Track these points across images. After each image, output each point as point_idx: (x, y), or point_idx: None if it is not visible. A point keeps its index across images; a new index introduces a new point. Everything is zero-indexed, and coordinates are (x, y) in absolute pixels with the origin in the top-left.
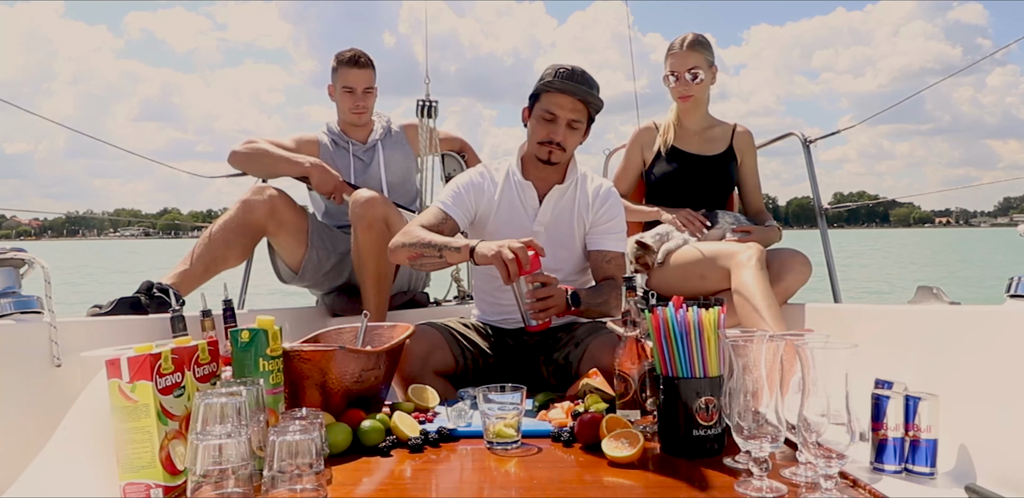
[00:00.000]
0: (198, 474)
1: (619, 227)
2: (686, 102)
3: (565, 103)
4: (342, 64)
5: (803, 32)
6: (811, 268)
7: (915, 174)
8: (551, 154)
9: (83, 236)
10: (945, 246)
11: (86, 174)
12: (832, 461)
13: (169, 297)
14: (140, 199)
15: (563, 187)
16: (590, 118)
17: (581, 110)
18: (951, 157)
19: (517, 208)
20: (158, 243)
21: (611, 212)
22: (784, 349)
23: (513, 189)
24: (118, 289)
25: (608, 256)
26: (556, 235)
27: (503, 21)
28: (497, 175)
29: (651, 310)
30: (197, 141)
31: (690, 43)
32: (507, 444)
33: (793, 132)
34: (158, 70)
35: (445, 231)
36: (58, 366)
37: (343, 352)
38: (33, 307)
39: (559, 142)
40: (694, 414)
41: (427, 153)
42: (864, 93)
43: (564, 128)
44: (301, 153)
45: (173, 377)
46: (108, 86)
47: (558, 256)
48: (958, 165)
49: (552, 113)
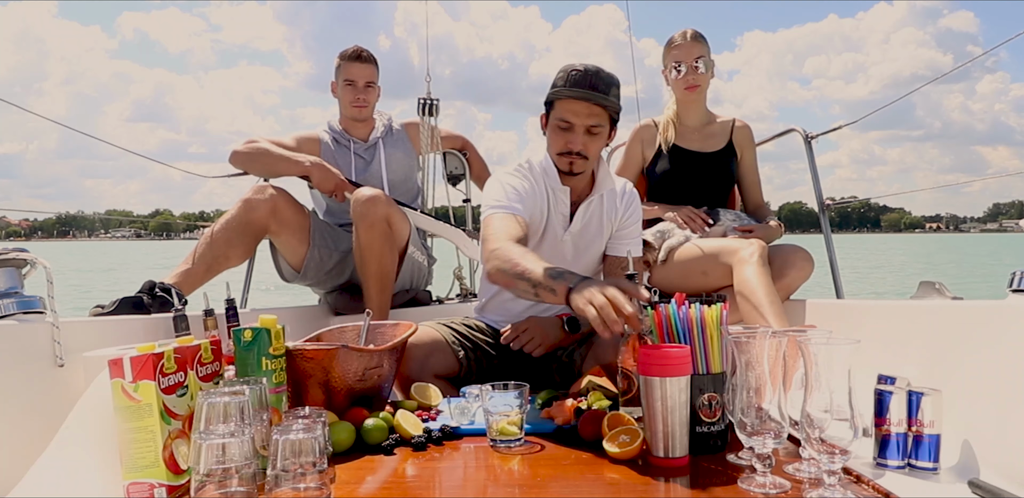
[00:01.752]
0: (201, 473)
1: (639, 230)
2: (692, 92)
3: (580, 109)
4: (344, 59)
5: (795, 38)
6: (813, 264)
7: (906, 180)
8: (572, 164)
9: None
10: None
11: (77, 175)
12: (835, 457)
13: (171, 297)
14: (132, 200)
15: (594, 195)
16: (612, 119)
17: (599, 113)
18: (941, 163)
19: (554, 214)
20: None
21: (635, 216)
22: (787, 345)
23: (551, 194)
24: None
25: (625, 263)
26: (581, 242)
27: (498, 25)
28: (536, 179)
29: (654, 307)
30: (190, 142)
31: (693, 35)
32: (510, 442)
33: (795, 128)
34: (151, 71)
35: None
36: (61, 366)
37: (346, 351)
38: (36, 307)
39: (579, 151)
40: (697, 411)
41: (428, 151)
42: (855, 100)
43: (583, 135)
44: (302, 152)
45: (176, 376)
46: (101, 87)
47: (578, 263)
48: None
49: (568, 121)
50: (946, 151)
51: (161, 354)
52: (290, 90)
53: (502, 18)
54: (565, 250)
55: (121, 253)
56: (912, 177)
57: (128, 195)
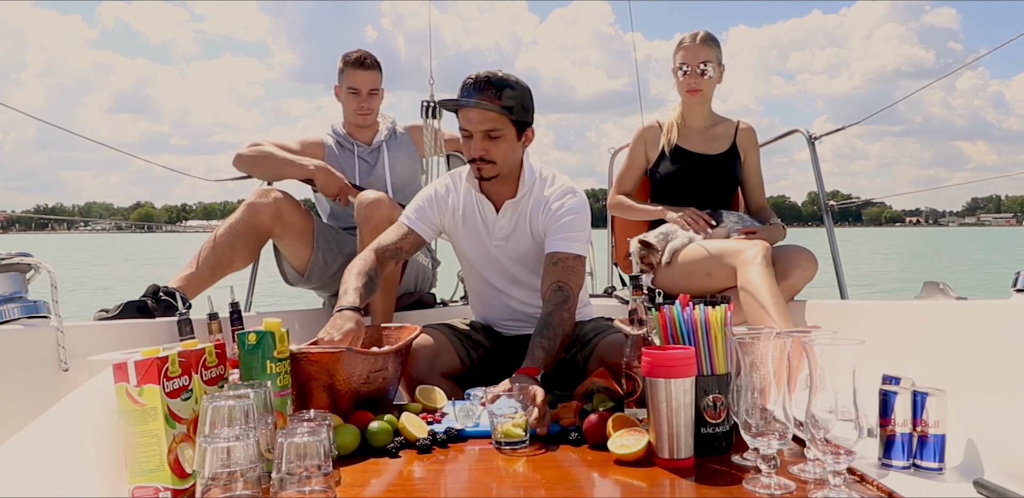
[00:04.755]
0: (206, 477)
1: (572, 227)
2: (694, 96)
3: (471, 116)
4: (348, 65)
5: (780, 34)
6: (817, 264)
7: (887, 174)
8: (480, 170)
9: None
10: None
11: (56, 166)
12: (840, 457)
13: (175, 300)
14: (112, 192)
15: (515, 200)
16: (516, 121)
17: (492, 117)
18: (922, 158)
19: (478, 222)
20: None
21: (563, 210)
22: (791, 346)
23: (473, 202)
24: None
25: (556, 257)
26: (517, 248)
27: (485, 18)
28: (459, 187)
29: (658, 309)
30: (172, 134)
31: (703, 38)
32: (515, 444)
33: (798, 129)
34: (133, 61)
35: (406, 246)
36: (65, 370)
37: (350, 354)
38: (40, 312)
39: (480, 157)
40: (702, 412)
41: (432, 154)
42: (838, 94)
43: (482, 141)
44: (306, 155)
45: (180, 380)
46: (81, 77)
47: (520, 272)
48: (929, 166)
49: (466, 129)
50: (927, 146)
51: (165, 358)
52: (274, 81)
53: (489, 10)
54: (499, 257)
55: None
56: (894, 172)
57: (108, 187)
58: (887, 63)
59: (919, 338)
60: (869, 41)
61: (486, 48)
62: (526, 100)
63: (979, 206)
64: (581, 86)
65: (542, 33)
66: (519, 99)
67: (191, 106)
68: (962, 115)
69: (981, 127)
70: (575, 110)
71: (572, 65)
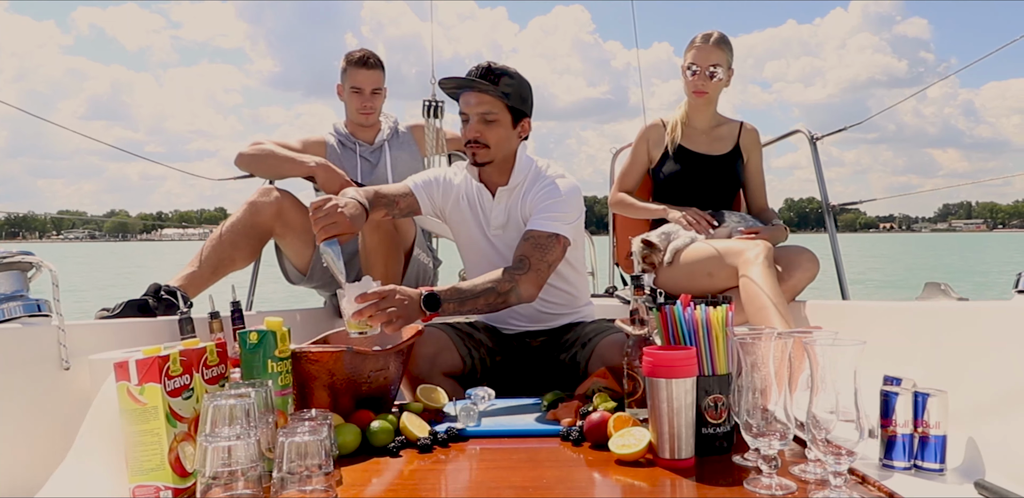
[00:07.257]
0: (207, 476)
1: (555, 208)
2: (700, 97)
3: (469, 99)
4: (351, 64)
5: (756, 43)
6: (819, 265)
7: (861, 181)
8: (475, 155)
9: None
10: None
11: (28, 174)
12: (841, 458)
13: (177, 299)
14: (86, 200)
15: (507, 189)
16: (512, 108)
17: (489, 101)
18: (895, 165)
19: (476, 209)
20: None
21: (544, 193)
22: (792, 346)
23: (473, 190)
24: None
25: (528, 234)
26: (514, 237)
27: (465, 25)
28: (464, 176)
29: (659, 308)
30: (147, 141)
31: (716, 40)
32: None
33: (800, 129)
34: (108, 68)
35: (401, 204)
36: (66, 369)
37: (351, 353)
38: (41, 310)
39: (475, 139)
40: (703, 412)
41: (434, 153)
42: (813, 103)
43: (477, 124)
44: (307, 154)
45: (182, 379)
46: (54, 83)
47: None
48: (902, 172)
49: (464, 113)
50: (899, 153)
51: (167, 357)
52: (252, 89)
53: (470, 18)
54: (498, 247)
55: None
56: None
57: (82, 195)
58: (861, 72)
59: (920, 339)
60: (843, 51)
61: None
62: (524, 91)
63: (950, 212)
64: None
65: (522, 41)
66: (516, 87)
67: (167, 113)
68: (933, 123)
69: (952, 135)
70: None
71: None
